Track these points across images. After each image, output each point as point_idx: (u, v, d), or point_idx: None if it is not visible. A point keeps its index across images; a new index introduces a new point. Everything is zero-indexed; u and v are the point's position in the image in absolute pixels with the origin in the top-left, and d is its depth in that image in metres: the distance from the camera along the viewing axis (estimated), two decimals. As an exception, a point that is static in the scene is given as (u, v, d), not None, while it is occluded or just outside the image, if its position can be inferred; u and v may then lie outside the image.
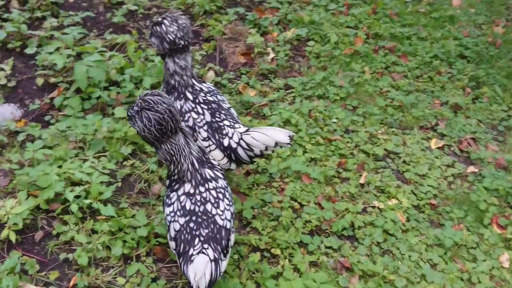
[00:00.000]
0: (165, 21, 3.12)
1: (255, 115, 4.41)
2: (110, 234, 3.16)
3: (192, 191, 2.72)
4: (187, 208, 2.69)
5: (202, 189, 2.73)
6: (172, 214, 2.71)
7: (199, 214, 2.68)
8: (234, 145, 3.21)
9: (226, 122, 3.27)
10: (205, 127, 3.24)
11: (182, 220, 2.68)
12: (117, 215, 3.25)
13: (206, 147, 3.24)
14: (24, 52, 4.42)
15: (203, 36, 5.11)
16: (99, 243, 3.07)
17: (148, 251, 3.21)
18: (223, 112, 3.31)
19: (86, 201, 3.17)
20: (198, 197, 2.71)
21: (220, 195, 2.77)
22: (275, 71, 4.90)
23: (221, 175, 2.84)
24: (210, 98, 3.32)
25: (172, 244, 2.71)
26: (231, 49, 4.95)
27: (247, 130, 3.22)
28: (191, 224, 2.66)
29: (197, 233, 2.64)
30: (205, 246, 2.60)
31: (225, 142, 3.22)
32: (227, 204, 2.78)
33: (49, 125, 3.95)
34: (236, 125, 3.27)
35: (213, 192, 2.75)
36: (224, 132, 3.23)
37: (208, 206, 2.71)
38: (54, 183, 3.19)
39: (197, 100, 3.27)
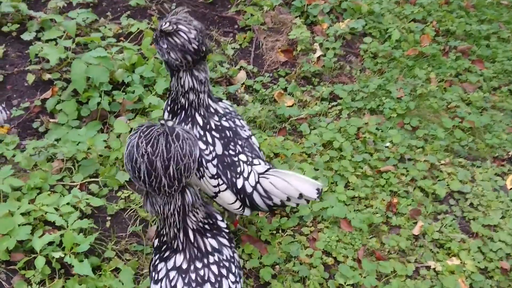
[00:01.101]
0: (181, 26, 2.33)
1: (291, 131, 3.61)
2: (83, 300, 2.47)
3: (185, 266, 2.00)
4: None
5: (199, 264, 2.00)
6: None
7: None
8: (249, 189, 2.49)
9: (242, 157, 2.53)
10: (215, 162, 2.50)
11: None
12: (96, 272, 2.55)
13: (215, 186, 2.50)
14: (21, 37, 3.70)
15: (238, 25, 4.29)
16: (65, 314, 2.38)
17: (132, 324, 2.51)
18: (240, 142, 2.57)
19: (57, 254, 2.46)
20: (193, 276, 1.98)
21: (224, 271, 2.03)
22: (320, 74, 4.06)
23: (227, 241, 2.10)
24: (225, 124, 2.57)
25: None
26: (270, 44, 4.13)
27: (267, 171, 2.48)
28: None
29: None
30: None
31: (239, 183, 2.50)
32: (232, 282, 2.05)
33: (36, 134, 3.26)
34: (255, 161, 2.54)
35: (214, 267, 2.01)
36: (238, 169, 2.51)
37: None
38: (18, 228, 2.50)
39: (208, 126, 2.51)
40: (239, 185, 2.49)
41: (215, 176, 2.51)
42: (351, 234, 3.04)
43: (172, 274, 1.99)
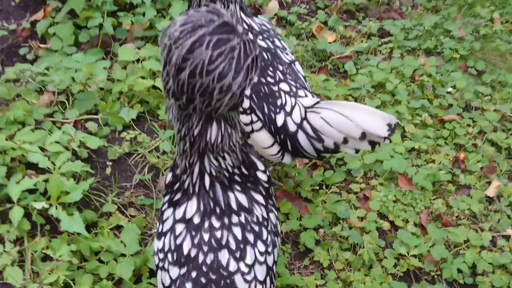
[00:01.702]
0: None
1: (333, 71, 2.99)
2: (73, 265, 1.87)
3: (197, 220, 1.38)
4: (185, 251, 1.38)
5: (216, 223, 1.38)
6: (161, 256, 1.44)
7: (204, 268, 1.37)
8: (292, 128, 1.89)
9: (283, 86, 1.94)
10: (248, 91, 1.89)
11: (174, 272, 1.40)
12: (91, 230, 1.96)
13: (247, 124, 1.93)
14: None
15: None
16: (47, 284, 1.78)
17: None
18: (281, 68, 1.97)
19: (39, 204, 1.87)
20: (206, 236, 1.38)
21: (251, 237, 1.41)
22: (365, 8, 3.42)
23: (262, 199, 1.47)
24: (262, 43, 1.98)
25: None
26: (306, -30, 3.47)
27: (316, 104, 1.87)
28: (188, 287, 1.37)
29: None
30: None
31: (279, 119, 1.91)
32: (261, 252, 1.43)
33: (24, 62, 2.65)
34: (301, 92, 1.94)
35: (237, 230, 1.40)
36: (278, 102, 1.91)
37: (223, 256, 1.38)
38: (-12, 169, 1.91)
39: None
40: (279, 123, 1.91)
41: (248, 111, 1.93)
42: (411, 193, 2.44)
43: (179, 228, 1.39)
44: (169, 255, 1.41)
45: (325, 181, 2.42)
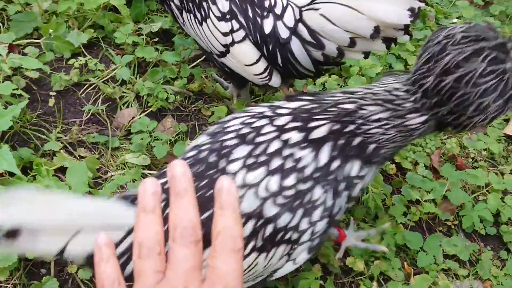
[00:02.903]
0: None
1: None
2: None
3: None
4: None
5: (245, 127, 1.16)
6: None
7: None
8: (285, 34, 1.50)
9: None
10: None
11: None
12: (30, 172, 1.54)
13: (226, 34, 1.55)
14: None
15: None
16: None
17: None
18: None
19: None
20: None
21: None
22: None
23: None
24: None
25: None
26: None
27: (312, 2, 1.46)
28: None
29: None
30: None
31: (266, 25, 1.52)
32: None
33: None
34: None
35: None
36: (266, 3, 1.52)
37: None
38: None
39: None
40: (267, 29, 1.52)
41: (227, 16, 1.53)
42: (420, 131, 2.05)
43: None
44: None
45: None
